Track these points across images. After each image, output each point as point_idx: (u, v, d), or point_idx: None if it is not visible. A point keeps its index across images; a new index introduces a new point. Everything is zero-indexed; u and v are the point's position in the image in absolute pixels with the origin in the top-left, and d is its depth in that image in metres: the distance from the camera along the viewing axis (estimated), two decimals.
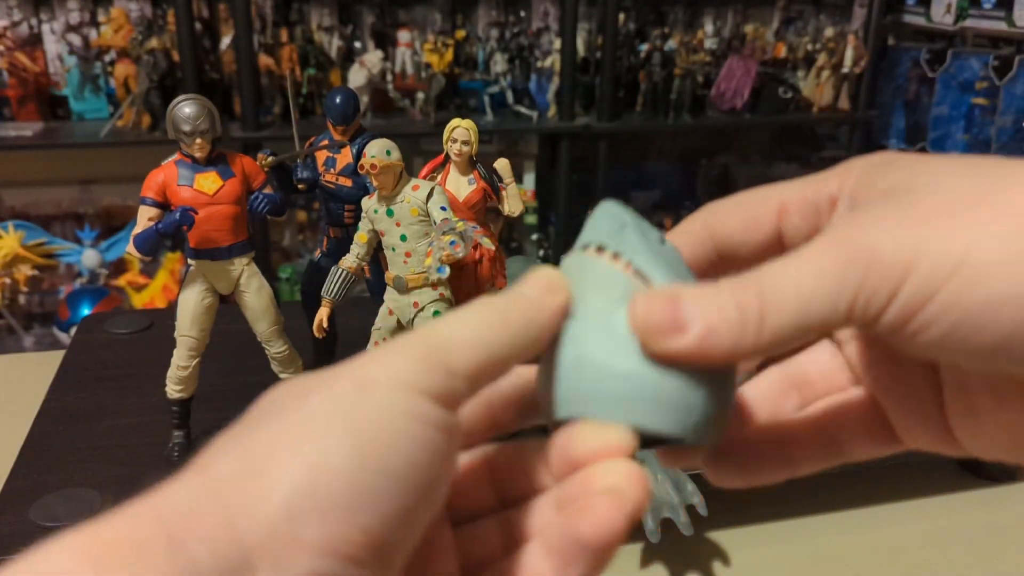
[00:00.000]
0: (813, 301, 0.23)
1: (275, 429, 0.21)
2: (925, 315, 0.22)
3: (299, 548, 0.20)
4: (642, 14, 2.34)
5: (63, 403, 0.90)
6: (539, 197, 2.37)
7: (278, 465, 0.20)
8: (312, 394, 0.22)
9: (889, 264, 0.22)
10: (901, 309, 0.22)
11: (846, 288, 0.22)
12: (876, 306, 0.22)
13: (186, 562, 0.19)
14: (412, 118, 2.11)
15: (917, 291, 0.22)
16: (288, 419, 0.22)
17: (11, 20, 2.02)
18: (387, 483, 0.21)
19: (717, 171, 2.62)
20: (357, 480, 0.20)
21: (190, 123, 0.76)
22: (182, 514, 0.20)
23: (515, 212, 0.87)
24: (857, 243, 0.23)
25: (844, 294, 0.22)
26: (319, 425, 0.21)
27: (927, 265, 0.22)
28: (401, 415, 0.22)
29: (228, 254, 0.80)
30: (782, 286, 0.23)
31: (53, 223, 2.17)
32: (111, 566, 0.18)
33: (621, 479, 0.24)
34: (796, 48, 2.36)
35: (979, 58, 2.22)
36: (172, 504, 0.20)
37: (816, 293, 0.23)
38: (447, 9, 2.23)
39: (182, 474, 0.21)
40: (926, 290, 0.22)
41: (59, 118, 2.05)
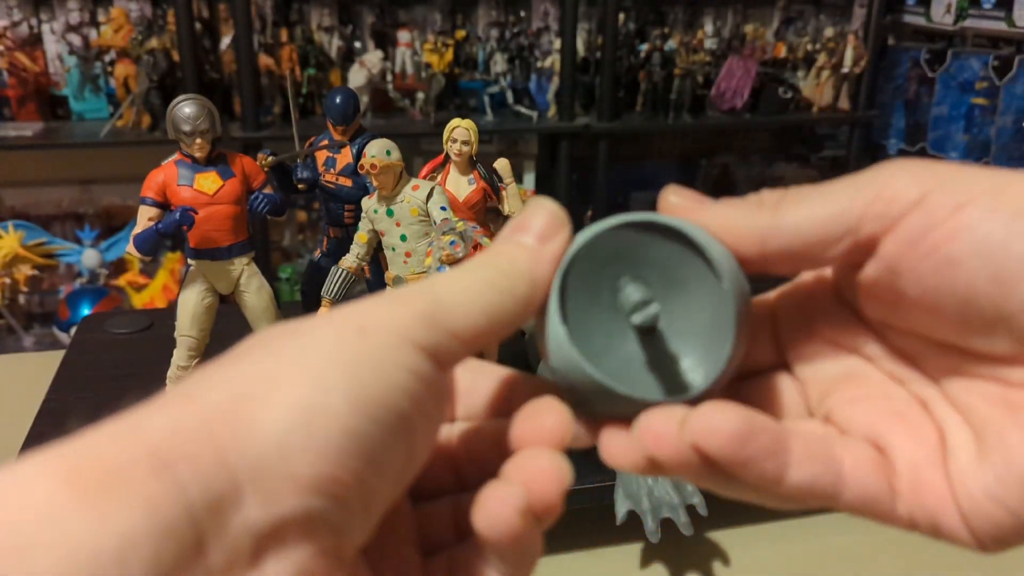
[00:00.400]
0: (827, 204, 0.24)
1: (270, 360, 0.21)
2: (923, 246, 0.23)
3: (290, 483, 0.19)
4: (642, 14, 2.34)
5: (63, 403, 0.90)
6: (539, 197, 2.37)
7: (274, 396, 0.20)
8: (311, 331, 0.22)
9: (902, 193, 0.24)
10: (903, 235, 0.24)
11: (858, 202, 0.24)
12: (881, 225, 0.24)
13: (172, 486, 0.18)
14: (412, 118, 2.11)
15: (920, 222, 0.23)
16: (285, 351, 0.21)
17: (11, 20, 2.02)
18: (379, 432, 0.21)
19: (717, 171, 2.62)
20: (352, 424, 0.20)
21: (190, 123, 0.76)
22: (168, 436, 0.19)
23: (515, 212, 0.87)
24: (873, 174, 0.25)
25: (855, 207, 0.24)
26: (318, 361, 0.21)
27: (942, 193, 0.23)
28: (399, 366, 0.21)
29: (228, 254, 0.80)
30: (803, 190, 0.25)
31: (53, 223, 2.17)
32: (90, 488, 0.17)
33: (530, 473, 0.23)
34: (796, 48, 2.36)
35: (979, 58, 2.22)
36: (158, 426, 0.19)
37: (831, 199, 0.25)
38: (447, 9, 2.23)
39: (165, 399, 0.21)
40: (928, 223, 0.23)
41: (59, 118, 2.05)
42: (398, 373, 0.21)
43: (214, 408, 0.20)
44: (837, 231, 0.24)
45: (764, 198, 0.26)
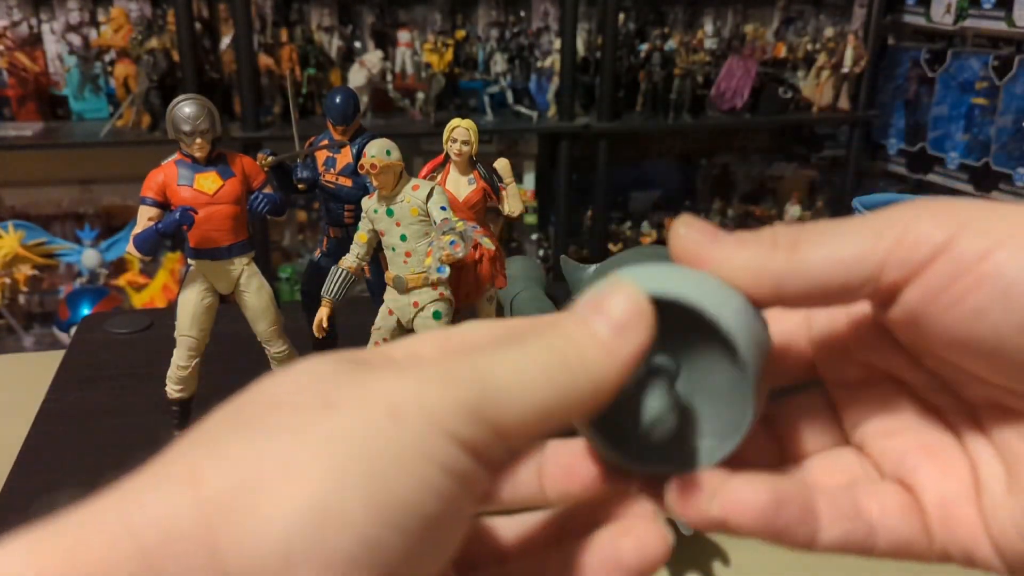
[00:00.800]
0: (846, 246, 0.23)
1: (287, 438, 0.19)
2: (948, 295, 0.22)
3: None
4: (642, 14, 2.34)
5: (63, 403, 0.90)
6: (539, 197, 2.37)
7: (284, 490, 0.18)
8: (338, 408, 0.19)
9: (926, 237, 0.22)
10: (928, 283, 0.22)
11: (880, 247, 0.23)
12: (904, 272, 0.23)
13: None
14: (412, 118, 2.11)
15: (945, 270, 0.22)
16: (307, 431, 0.19)
17: (11, 20, 2.01)
18: (400, 541, 0.18)
19: (717, 171, 2.62)
20: (369, 533, 0.18)
21: (190, 123, 0.76)
22: (161, 533, 0.17)
23: (515, 212, 0.87)
24: (895, 215, 0.23)
25: (877, 252, 0.23)
26: (340, 451, 0.18)
27: (972, 234, 0.22)
28: (431, 462, 0.19)
29: (228, 254, 0.80)
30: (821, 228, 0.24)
31: (53, 223, 2.17)
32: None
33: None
34: (796, 48, 2.36)
35: (979, 58, 2.22)
36: (151, 517, 0.18)
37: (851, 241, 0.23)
38: (447, 9, 2.23)
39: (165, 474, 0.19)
40: (954, 270, 0.22)
41: (59, 118, 2.05)
42: (430, 470, 0.19)
43: (216, 498, 0.18)
44: (857, 277, 0.23)
45: (779, 237, 0.24)
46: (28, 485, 0.76)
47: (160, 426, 0.84)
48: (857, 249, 0.23)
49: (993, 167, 2.17)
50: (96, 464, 0.80)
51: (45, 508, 0.74)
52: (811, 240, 0.24)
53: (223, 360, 0.91)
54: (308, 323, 0.86)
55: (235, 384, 0.83)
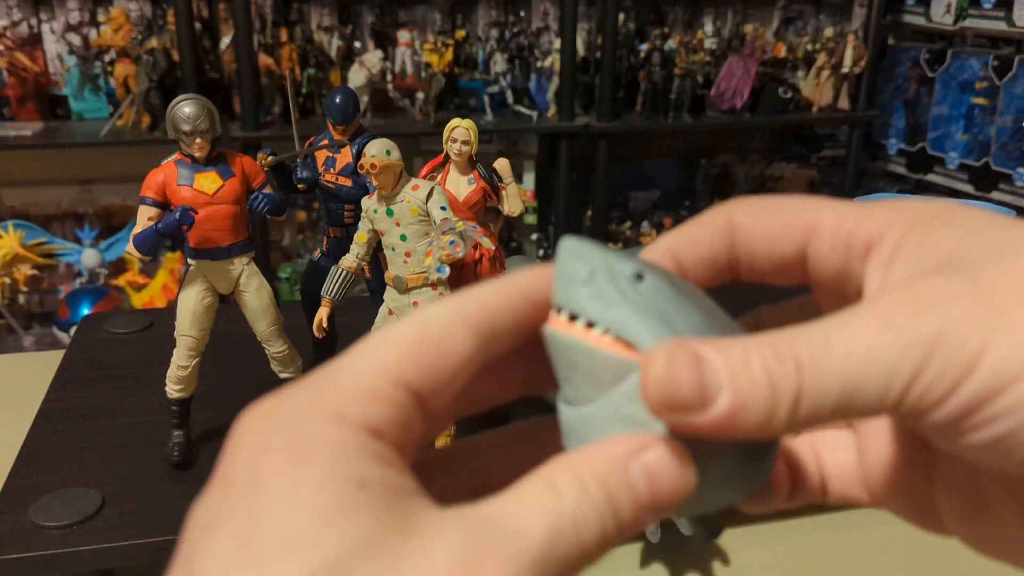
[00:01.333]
0: (863, 384, 0.20)
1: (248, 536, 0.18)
2: (988, 411, 0.19)
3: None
4: (642, 14, 2.34)
5: (63, 403, 0.90)
6: (539, 197, 2.37)
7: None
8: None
9: (956, 350, 0.19)
10: (964, 401, 0.20)
11: (902, 372, 0.20)
12: (935, 396, 0.20)
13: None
14: (412, 118, 2.11)
15: (985, 384, 0.19)
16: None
17: (11, 20, 2.02)
18: None
19: (717, 171, 2.62)
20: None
21: (190, 123, 0.76)
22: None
23: (515, 212, 0.87)
24: (918, 323, 0.20)
25: (899, 379, 0.20)
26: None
27: (999, 356, 0.19)
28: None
29: (228, 254, 0.80)
30: (826, 362, 0.20)
31: (53, 223, 2.17)
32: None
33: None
34: (796, 48, 2.36)
35: (979, 58, 2.22)
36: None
37: (867, 375, 0.20)
38: (447, 9, 2.23)
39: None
40: (995, 384, 0.19)
41: (59, 118, 2.05)
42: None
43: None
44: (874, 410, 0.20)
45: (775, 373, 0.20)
46: (28, 485, 0.76)
47: (160, 426, 0.84)
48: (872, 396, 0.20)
49: (993, 167, 2.17)
50: (96, 464, 0.80)
51: (45, 508, 0.74)
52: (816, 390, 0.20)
53: (223, 360, 0.91)
54: (308, 323, 0.86)
55: (235, 384, 0.84)
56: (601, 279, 0.22)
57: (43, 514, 0.71)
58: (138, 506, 0.74)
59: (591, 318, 0.22)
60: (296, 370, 0.86)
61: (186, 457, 0.80)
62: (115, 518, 0.72)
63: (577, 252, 0.23)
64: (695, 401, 0.20)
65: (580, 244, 0.23)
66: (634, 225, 2.47)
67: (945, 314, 0.20)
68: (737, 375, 0.20)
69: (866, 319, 0.20)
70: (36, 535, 0.69)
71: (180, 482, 0.78)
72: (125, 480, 0.77)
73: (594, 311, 0.22)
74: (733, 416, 0.20)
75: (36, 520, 0.71)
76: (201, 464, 0.81)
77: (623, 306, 0.22)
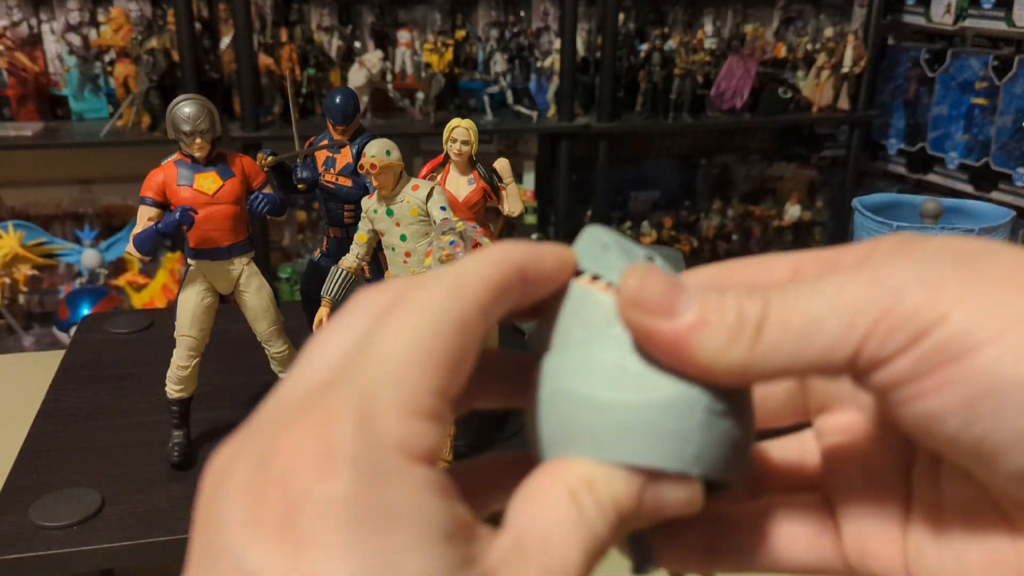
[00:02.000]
0: (821, 328, 0.20)
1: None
2: (939, 376, 0.19)
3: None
4: (642, 14, 2.34)
5: (63, 403, 0.90)
6: (539, 197, 2.37)
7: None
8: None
9: (915, 310, 0.19)
10: (913, 363, 0.19)
11: (860, 324, 0.20)
12: (887, 351, 0.20)
13: None
14: (412, 118, 2.11)
15: (938, 348, 0.19)
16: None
17: (11, 20, 2.02)
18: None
19: (717, 171, 2.62)
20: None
21: (190, 123, 0.76)
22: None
23: (515, 212, 0.87)
24: (883, 283, 0.20)
25: (856, 330, 0.20)
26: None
27: (958, 324, 0.19)
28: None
29: (228, 254, 0.80)
30: (791, 304, 0.20)
31: (53, 223, 2.17)
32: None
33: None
34: (796, 48, 2.36)
35: (979, 58, 2.22)
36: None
37: (827, 320, 0.20)
38: (447, 9, 2.23)
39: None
40: (951, 348, 0.19)
41: (59, 118, 2.05)
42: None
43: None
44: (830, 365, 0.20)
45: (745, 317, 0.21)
46: (28, 485, 0.76)
47: (160, 426, 0.84)
48: (831, 337, 0.20)
49: (993, 167, 2.17)
50: (96, 464, 0.80)
51: (45, 508, 0.74)
52: (779, 323, 0.20)
53: (223, 360, 0.91)
54: (308, 323, 0.86)
55: (235, 384, 0.84)
56: (613, 251, 0.24)
57: (43, 514, 0.71)
58: (138, 506, 0.74)
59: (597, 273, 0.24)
60: None
61: (186, 457, 0.80)
62: (115, 518, 0.72)
63: (596, 234, 0.25)
64: (662, 305, 0.21)
65: (599, 229, 0.25)
66: (634, 225, 2.47)
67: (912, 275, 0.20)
68: (709, 300, 0.21)
69: (834, 276, 0.21)
70: (36, 535, 0.69)
71: (180, 482, 0.78)
72: (125, 480, 0.77)
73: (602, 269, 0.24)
74: (695, 331, 0.20)
75: (36, 520, 0.71)
76: (201, 464, 0.81)
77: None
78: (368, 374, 0.19)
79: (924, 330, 0.19)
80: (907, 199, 1.21)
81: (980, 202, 1.21)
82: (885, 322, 0.20)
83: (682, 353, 0.21)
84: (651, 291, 0.21)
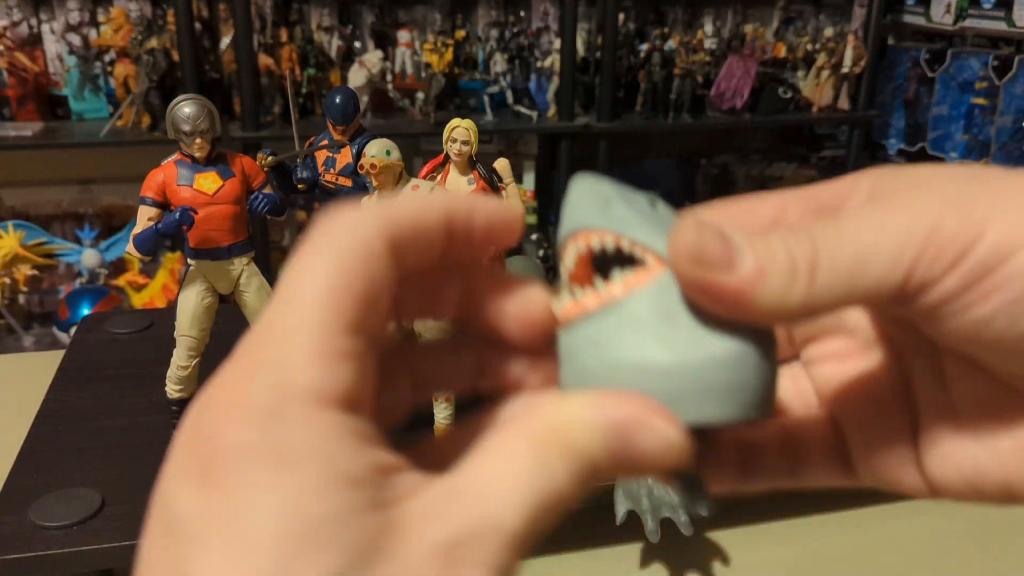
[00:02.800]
0: (871, 259, 0.21)
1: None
2: (985, 286, 0.21)
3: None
4: (642, 14, 2.34)
5: (63, 403, 0.90)
6: (539, 197, 2.37)
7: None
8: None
9: (955, 232, 0.21)
10: (962, 277, 0.21)
11: (908, 249, 0.21)
12: (936, 271, 0.21)
13: None
14: (412, 118, 2.11)
15: (983, 259, 0.21)
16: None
17: (11, 20, 2.02)
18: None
19: (717, 171, 2.62)
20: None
21: (190, 123, 0.76)
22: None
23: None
24: (918, 208, 0.21)
25: (905, 256, 0.21)
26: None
27: (997, 234, 0.21)
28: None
29: (228, 254, 0.80)
30: (838, 240, 0.21)
31: (53, 223, 2.17)
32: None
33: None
34: (796, 48, 2.36)
35: (979, 58, 2.22)
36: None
37: (876, 251, 0.21)
38: (447, 9, 2.23)
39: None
40: (992, 259, 0.21)
41: (59, 118, 2.05)
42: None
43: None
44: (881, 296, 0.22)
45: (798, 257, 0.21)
46: (28, 485, 0.76)
47: (160, 426, 0.84)
48: (882, 268, 0.21)
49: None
50: (96, 464, 0.80)
51: (45, 508, 0.74)
52: (830, 261, 0.21)
53: (223, 360, 0.91)
54: None
55: None
56: (617, 204, 0.24)
57: (43, 514, 0.71)
58: (138, 506, 0.74)
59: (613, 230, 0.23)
60: None
61: None
62: (115, 518, 0.72)
63: (591, 186, 0.24)
64: (723, 259, 0.21)
65: (592, 180, 0.24)
66: None
67: (943, 197, 0.21)
68: (758, 247, 0.21)
69: (870, 208, 0.22)
70: (36, 535, 0.69)
71: None
72: (125, 480, 0.77)
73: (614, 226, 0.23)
74: (756, 281, 0.21)
75: (36, 520, 0.71)
76: None
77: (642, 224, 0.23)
78: (283, 320, 0.20)
79: (966, 248, 0.21)
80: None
81: None
82: (930, 248, 0.21)
83: (745, 303, 0.21)
84: (711, 245, 0.21)
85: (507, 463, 0.20)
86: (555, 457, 0.20)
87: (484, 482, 0.20)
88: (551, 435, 0.20)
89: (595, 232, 0.24)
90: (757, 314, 0.22)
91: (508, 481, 0.20)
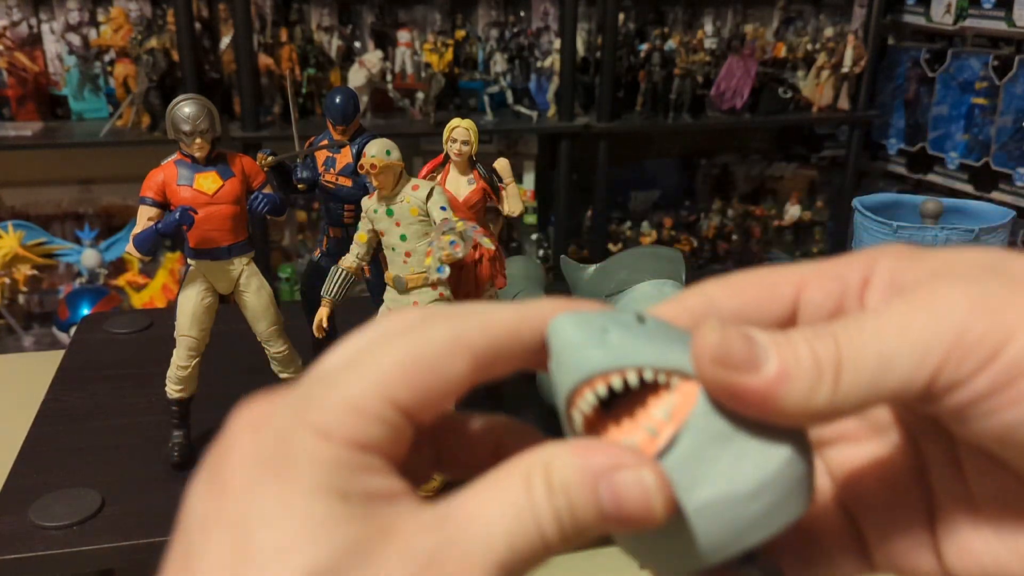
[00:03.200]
0: (896, 360, 0.21)
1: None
2: (1014, 391, 0.20)
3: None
4: (642, 14, 2.34)
5: (63, 403, 0.90)
6: (539, 197, 2.37)
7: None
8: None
9: (983, 335, 0.21)
10: (990, 381, 0.21)
11: (934, 351, 0.21)
12: (963, 373, 0.21)
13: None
14: (412, 118, 2.11)
15: (1011, 365, 0.20)
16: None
17: (11, 20, 2.02)
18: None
19: (717, 171, 2.62)
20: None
21: (190, 123, 0.76)
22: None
23: (515, 212, 0.87)
24: (943, 307, 0.21)
25: (930, 359, 0.21)
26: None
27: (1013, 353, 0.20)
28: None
29: (228, 254, 0.80)
30: (862, 342, 0.21)
31: (53, 223, 2.17)
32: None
33: None
34: (796, 48, 2.36)
35: (979, 58, 2.22)
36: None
37: (900, 354, 0.21)
38: (447, 9, 2.23)
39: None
40: (1020, 365, 0.20)
41: (59, 118, 2.05)
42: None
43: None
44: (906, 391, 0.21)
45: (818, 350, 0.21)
46: (28, 485, 0.76)
47: (160, 426, 0.84)
48: (907, 370, 0.21)
49: (993, 167, 2.17)
50: (96, 464, 0.80)
51: (45, 508, 0.74)
52: (854, 363, 0.21)
53: (223, 360, 0.91)
54: (308, 323, 0.86)
55: (235, 384, 0.84)
56: (615, 332, 0.23)
57: (43, 514, 0.71)
58: (138, 506, 0.74)
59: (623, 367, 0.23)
60: (296, 370, 0.86)
61: (186, 457, 0.80)
62: (115, 518, 0.72)
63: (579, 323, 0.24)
64: (747, 361, 0.21)
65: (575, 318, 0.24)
66: (634, 225, 2.47)
67: (970, 298, 0.21)
68: (782, 348, 0.21)
69: (896, 307, 0.22)
70: (36, 535, 0.69)
71: (180, 482, 0.78)
72: (125, 480, 0.77)
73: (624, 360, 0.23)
74: (780, 382, 0.21)
75: (36, 520, 0.71)
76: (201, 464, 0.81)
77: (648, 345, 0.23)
78: (341, 375, 0.22)
79: (994, 352, 0.21)
80: (907, 199, 1.21)
81: (980, 202, 1.21)
82: (956, 350, 0.21)
83: (770, 405, 0.21)
84: (735, 348, 0.21)
85: (498, 492, 0.21)
86: (539, 486, 0.21)
87: (474, 505, 0.21)
88: (538, 467, 0.21)
89: (612, 374, 0.23)
90: (782, 415, 0.21)
91: (495, 507, 0.20)
